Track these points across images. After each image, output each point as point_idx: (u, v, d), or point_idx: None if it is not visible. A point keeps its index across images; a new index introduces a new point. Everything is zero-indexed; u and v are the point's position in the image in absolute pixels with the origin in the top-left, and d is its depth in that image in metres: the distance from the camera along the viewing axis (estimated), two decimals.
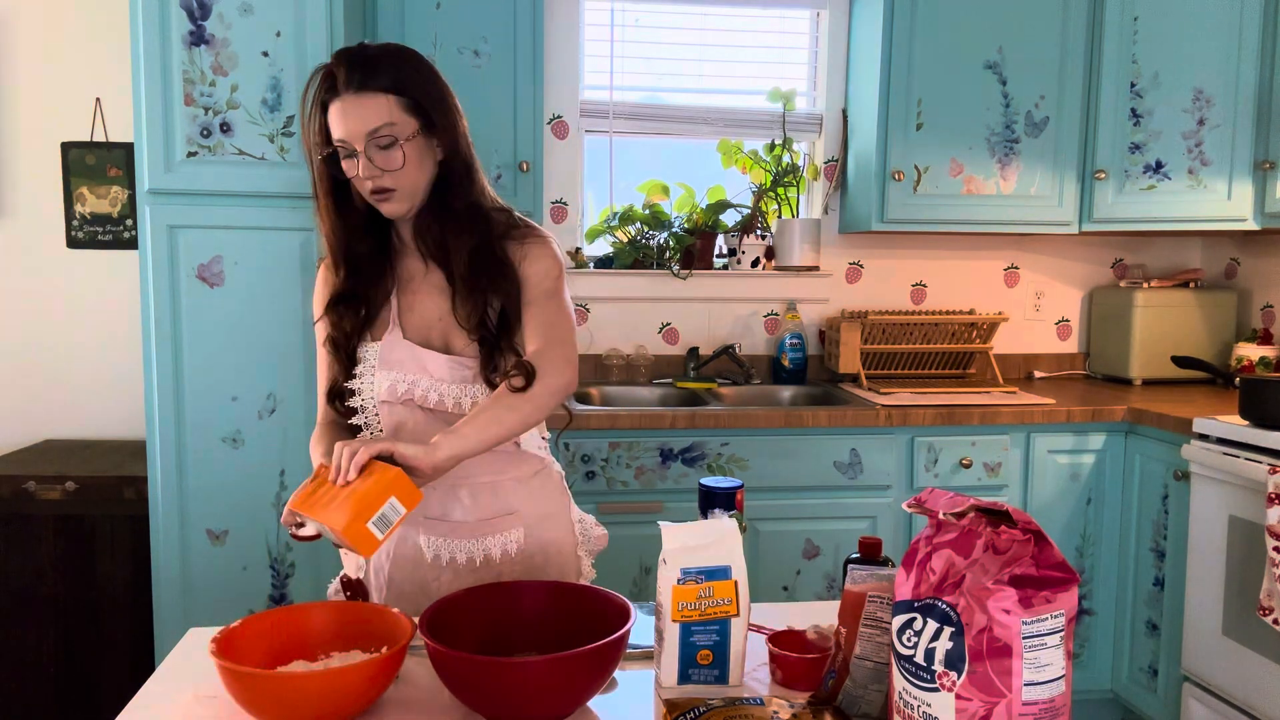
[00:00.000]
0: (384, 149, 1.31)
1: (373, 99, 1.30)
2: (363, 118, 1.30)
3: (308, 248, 2.32)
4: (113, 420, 2.86)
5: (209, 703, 1.09)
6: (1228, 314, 3.09)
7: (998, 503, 0.88)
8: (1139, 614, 2.64)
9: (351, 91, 1.30)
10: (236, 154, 2.27)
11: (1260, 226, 2.81)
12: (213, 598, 2.34)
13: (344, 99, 1.30)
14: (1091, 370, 3.30)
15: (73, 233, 2.80)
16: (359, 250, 1.40)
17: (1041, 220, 2.90)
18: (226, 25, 2.24)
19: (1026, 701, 0.83)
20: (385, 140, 1.31)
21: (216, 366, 2.30)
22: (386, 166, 1.32)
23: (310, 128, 1.35)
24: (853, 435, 2.56)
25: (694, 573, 1.08)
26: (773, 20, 3.17)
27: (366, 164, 1.31)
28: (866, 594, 1.03)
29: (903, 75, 2.80)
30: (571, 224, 3.09)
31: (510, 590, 1.23)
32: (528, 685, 1.00)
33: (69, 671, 2.45)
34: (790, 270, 3.10)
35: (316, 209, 1.39)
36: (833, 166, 3.17)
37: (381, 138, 1.31)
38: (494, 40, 2.62)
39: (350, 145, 1.31)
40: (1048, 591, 0.84)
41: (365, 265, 1.41)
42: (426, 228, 1.39)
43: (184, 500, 2.32)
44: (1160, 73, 2.81)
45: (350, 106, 1.30)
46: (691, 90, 3.17)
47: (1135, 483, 2.63)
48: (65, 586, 2.43)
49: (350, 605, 1.19)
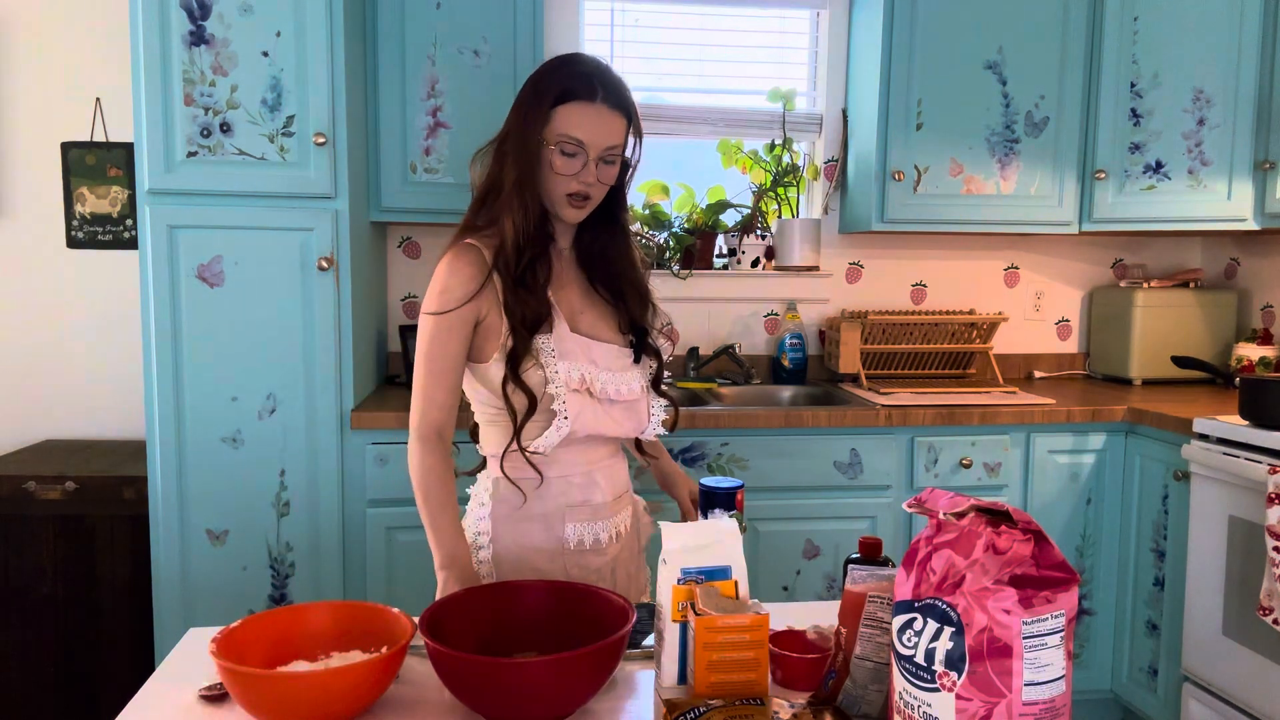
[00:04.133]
0: (608, 164, 1.42)
1: (615, 118, 1.40)
2: (608, 132, 1.39)
3: (307, 248, 2.32)
4: (113, 420, 2.86)
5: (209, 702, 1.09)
6: (1228, 314, 3.09)
7: (998, 503, 0.88)
8: (1139, 614, 2.64)
9: (606, 104, 1.38)
10: (236, 154, 2.27)
11: (1260, 226, 2.81)
12: (213, 598, 2.34)
13: (596, 107, 1.38)
14: (1091, 370, 3.30)
15: (73, 233, 2.80)
16: (537, 241, 1.44)
17: (1041, 220, 2.90)
18: (226, 25, 2.24)
19: (1027, 702, 0.83)
20: (611, 157, 1.42)
21: (216, 366, 2.30)
22: (603, 180, 1.42)
23: (535, 113, 1.39)
24: (853, 435, 2.56)
25: (694, 573, 1.08)
26: (773, 20, 3.17)
27: (591, 171, 1.39)
28: (866, 594, 1.03)
29: (903, 75, 2.80)
30: None
31: (510, 590, 1.23)
32: (528, 685, 1.00)
33: (69, 671, 2.45)
34: (790, 270, 3.10)
35: (512, 193, 1.40)
36: (833, 166, 3.17)
37: (611, 154, 1.41)
38: (494, 40, 2.62)
39: (583, 149, 1.38)
40: (1048, 591, 0.84)
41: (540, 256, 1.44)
42: (594, 235, 1.51)
43: (184, 500, 2.32)
44: (1160, 73, 2.81)
45: (602, 117, 1.38)
46: (691, 90, 3.17)
47: (1135, 483, 2.63)
48: (65, 586, 2.43)
49: (350, 605, 1.19)
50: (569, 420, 1.40)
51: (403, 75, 2.60)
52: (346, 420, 2.36)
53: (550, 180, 1.40)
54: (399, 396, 2.63)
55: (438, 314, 1.40)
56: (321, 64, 2.27)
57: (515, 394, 1.40)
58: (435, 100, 2.62)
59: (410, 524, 2.40)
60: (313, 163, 2.29)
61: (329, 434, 2.35)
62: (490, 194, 1.45)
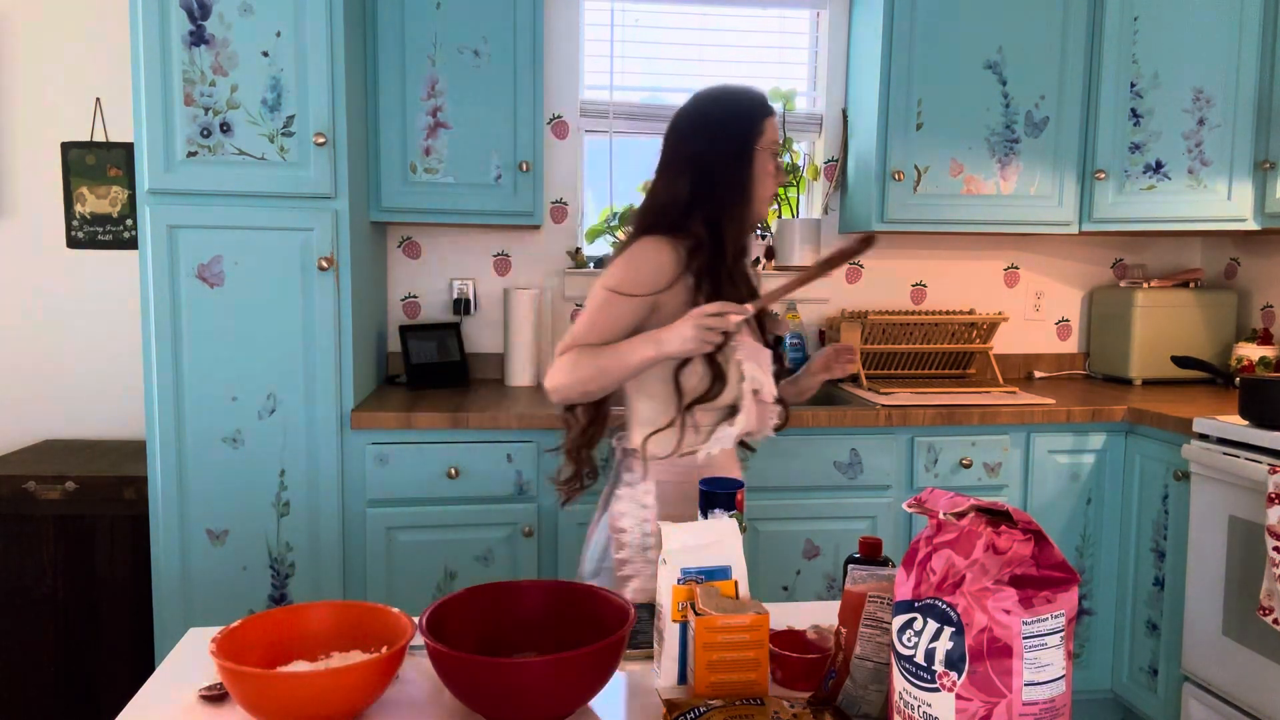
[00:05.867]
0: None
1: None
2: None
3: (308, 248, 2.32)
4: (113, 420, 2.86)
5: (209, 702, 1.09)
6: (1228, 314, 3.09)
7: (998, 503, 0.88)
8: (1139, 614, 2.64)
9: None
10: (236, 154, 2.27)
11: (1260, 226, 2.81)
12: (213, 598, 2.34)
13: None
14: (1091, 370, 3.30)
15: (73, 233, 2.80)
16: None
17: (1041, 220, 2.90)
18: (226, 25, 2.24)
19: (1027, 701, 0.83)
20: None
21: (216, 366, 2.30)
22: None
23: (748, 126, 1.62)
24: (853, 435, 2.56)
25: (694, 573, 1.08)
26: (773, 20, 3.17)
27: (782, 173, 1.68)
28: (866, 594, 1.03)
29: (903, 75, 2.80)
30: (571, 224, 3.09)
31: (510, 590, 1.23)
32: (528, 685, 1.00)
33: (69, 671, 2.45)
34: (790, 270, 3.10)
35: (731, 200, 1.59)
36: (833, 166, 3.17)
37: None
38: (494, 40, 2.62)
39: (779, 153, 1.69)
40: (1048, 591, 0.84)
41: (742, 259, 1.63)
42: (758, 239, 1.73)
43: (184, 500, 2.32)
44: (1160, 73, 2.81)
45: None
46: (692, 90, 3.16)
47: (1135, 483, 2.63)
48: (65, 586, 2.43)
49: (350, 605, 1.18)
50: (745, 419, 1.57)
51: (403, 75, 2.60)
52: (346, 420, 2.36)
53: (762, 185, 1.61)
54: (399, 396, 2.63)
55: (618, 293, 1.54)
56: (321, 64, 2.27)
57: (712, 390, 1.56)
58: (435, 100, 2.62)
59: (410, 524, 2.40)
60: (313, 163, 2.29)
61: (329, 434, 2.35)
62: (693, 204, 1.59)
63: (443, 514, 2.41)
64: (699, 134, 1.62)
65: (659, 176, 1.65)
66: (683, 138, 1.64)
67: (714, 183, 1.59)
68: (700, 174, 1.59)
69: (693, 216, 1.58)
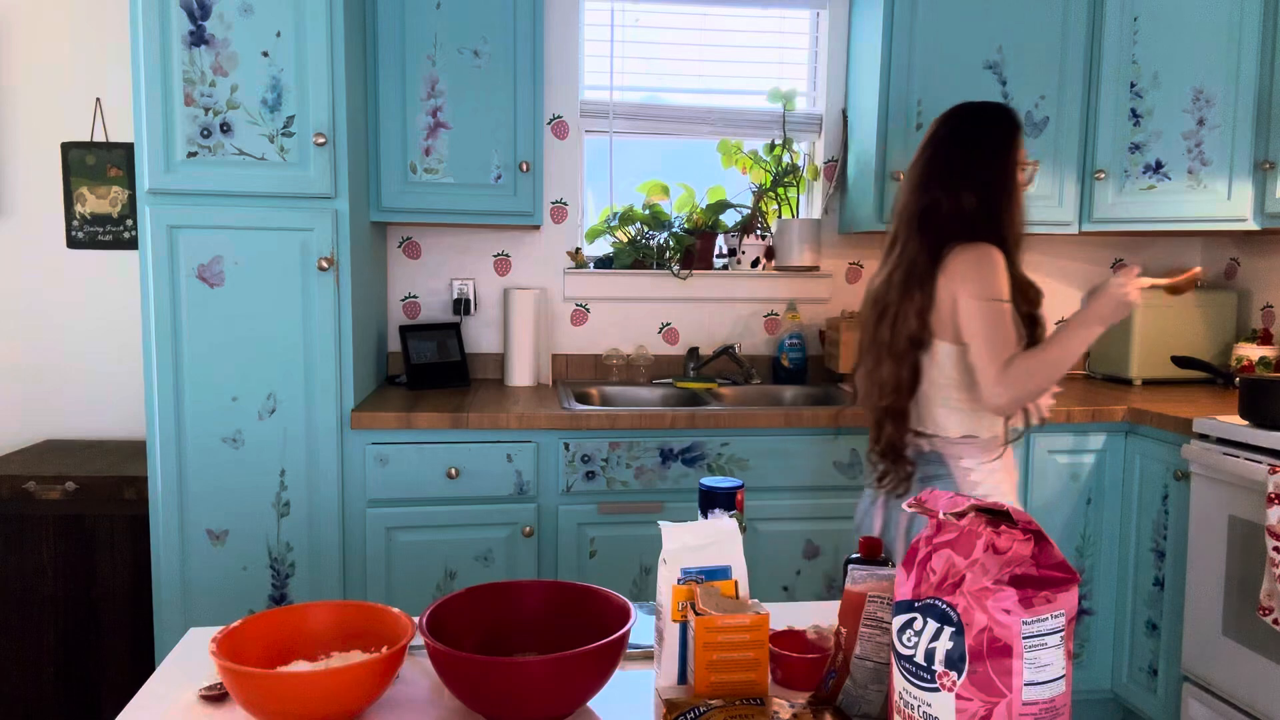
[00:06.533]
0: None
1: None
2: None
3: (308, 248, 2.32)
4: (113, 420, 2.87)
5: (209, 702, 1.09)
6: (1228, 314, 3.09)
7: (998, 502, 0.88)
8: (1139, 614, 2.64)
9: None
10: (236, 154, 2.28)
11: (1260, 226, 2.81)
12: (213, 598, 2.34)
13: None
14: (1091, 370, 3.29)
15: (73, 233, 2.81)
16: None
17: (1041, 220, 2.89)
18: (226, 25, 2.24)
19: (1027, 701, 0.83)
20: None
21: (216, 366, 2.30)
22: None
23: (1014, 143, 1.88)
24: (853, 435, 2.56)
25: (694, 573, 1.08)
26: (773, 20, 3.17)
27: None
28: (866, 594, 1.03)
29: (903, 75, 2.80)
30: (571, 224, 3.09)
31: (510, 590, 1.22)
32: (528, 685, 1.00)
33: (69, 671, 2.45)
34: (790, 270, 3.10)
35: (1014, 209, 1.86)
36: (832, 167, 3.17)
37: None
38: (494, 40, 2.62)
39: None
40: (1048, 591, 0.84)
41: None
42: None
43: (184, 500, 2.32)
44: (1160, 73, 2.81)
45: None
46: (691, 90, 3.17)
47: (1135, 483, 2.63)
48: (65, 586, 2.43)
49: (350, 605, 1.19)
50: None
51: (403, 75, 2.60)
52: (346, 420, 2.36)
53: (1020, 194, 1.87)
54: (399, 396, 2.63)
55: (1006, 301, 1.78)
56: (321, 64, 2.27)
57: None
58: (435, 100, 2.62)
59: (410, 524, 2.40)
60: (313, 163, 2.30)
61: (329, 434, 2.35)
62: (979, 212, 1.83)
63: (443, 514, 2.41)
64: (973, 148, 1.87)
65: (933, 186, 1.87)
66: (956, 152, 1.87)
67: (994, 192, 1.84)
68: (981, 185, 1.84)
69: (981, 223, 1.82)
